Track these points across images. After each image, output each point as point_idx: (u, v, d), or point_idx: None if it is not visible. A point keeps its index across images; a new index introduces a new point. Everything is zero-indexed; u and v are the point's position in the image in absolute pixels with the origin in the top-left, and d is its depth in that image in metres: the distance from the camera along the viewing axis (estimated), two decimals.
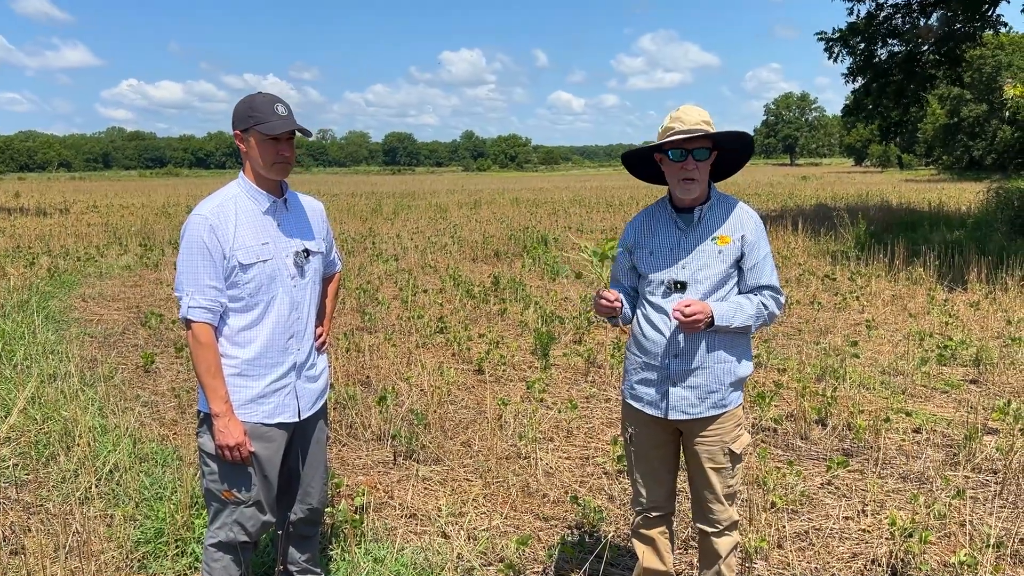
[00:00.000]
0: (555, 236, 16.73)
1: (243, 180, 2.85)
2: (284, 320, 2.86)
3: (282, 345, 2.86)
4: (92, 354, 7.61)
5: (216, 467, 2.83)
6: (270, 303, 2.82)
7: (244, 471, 2.84)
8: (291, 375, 2.91)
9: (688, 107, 2.84)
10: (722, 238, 2.83)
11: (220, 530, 2.89)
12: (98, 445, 5.02)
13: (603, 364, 7.12)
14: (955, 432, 5.35)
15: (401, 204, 29.93)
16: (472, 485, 4.67)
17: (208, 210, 2.72)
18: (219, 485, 2.84)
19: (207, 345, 2.71)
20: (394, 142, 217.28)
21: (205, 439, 2.83)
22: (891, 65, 19.59)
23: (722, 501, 3.01)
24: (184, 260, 2.71)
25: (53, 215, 26.10)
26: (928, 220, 17.77)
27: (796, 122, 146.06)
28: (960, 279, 10.78)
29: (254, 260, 2.77)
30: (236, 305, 2.77)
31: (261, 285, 2.79)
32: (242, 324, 2.79)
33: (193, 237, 2.69)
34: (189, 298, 2.70)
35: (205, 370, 2.71)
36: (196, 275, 2.69)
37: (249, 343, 2.80)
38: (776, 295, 2.87)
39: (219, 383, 2.73)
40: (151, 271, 13.46)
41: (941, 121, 60.68)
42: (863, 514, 4.25)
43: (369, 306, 9.67)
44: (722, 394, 2.90)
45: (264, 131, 2.74)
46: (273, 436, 2.88)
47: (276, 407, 2.87)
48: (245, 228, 2.76)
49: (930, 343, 7.58)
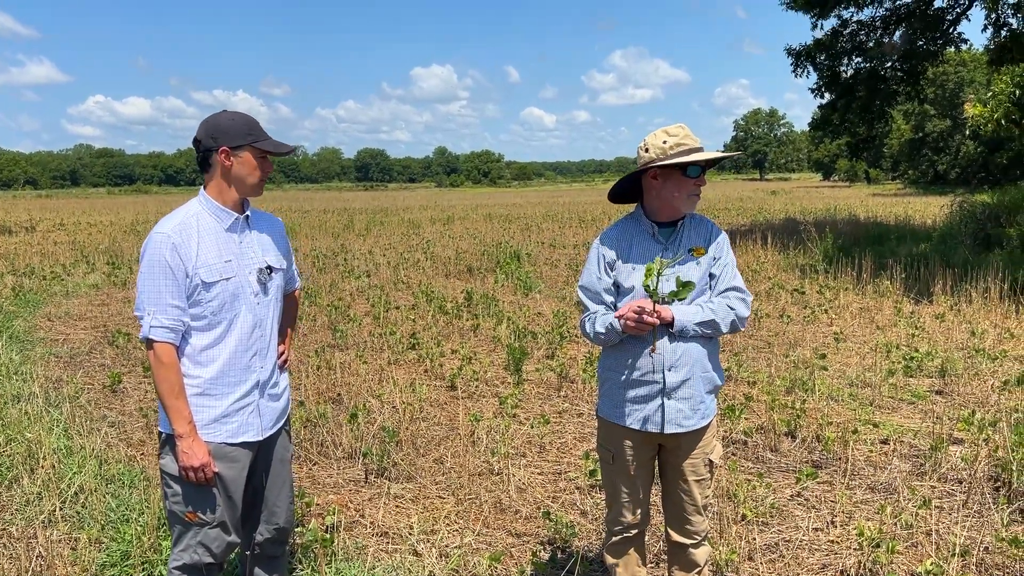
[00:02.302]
0: (528, 251, 16.77)
1: (205, 198, 2.80)
2: (247, 338, 2.83)
3: (245, 363, 2.83)
4: (58, 374, 7.49)
5: (179, 489, 2.79)
6: (233, 321, 2.79)
7: (208, 492, 2.80)
8: (254, 393, 2.88)
9: (680, 125, 2.90)
10: (698, 250, 2.90)
11: (184, 552, 2.84)
12: (63, 467, 4.93)
13: (576, 379, 7.13)
14: (921, 442, 5.42)
15: (374, 220, 29.85)
16: (444, 502, 4.66)
17: (170, 228, 2.68)
18: (183, 507, 2.80)
19: (169, 365, 2.67)
20: (367, 158, 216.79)
21: (167, 460, 2.79)
22: (856, 81, 19.93)
23: (701, 512, 3.07)
24: (145, 279, 2.66)
25: (18, 233, 25.71)
26: (895, 233, 18.07)
27: (765, 137, 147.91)
28: (926, 291, 10.96)
29: (217, 278, 2.73)
30: (198, 324, 2.74)
31: (224, 303, 2.76)
32: (204, 343, 2.75)
33: (155, 256, 2.65)
34: (151, 317, 2.64)
35: (168, 391, 2.67)
36: (158, 294, 2.64)
37: (211, 362, 2.76)
38: (742, 295, 2.90)
39: (182, 403, 2.69)
40: (119, 289, 13.29)
41: (907, 136, 61.77)
42: (832, 525, 4.29)
43: (341, 323, 9.61)
44: (707, 404, 2.96)
45: (268, 148, 2.78)
46: (237, 456, 2.85)
47: (240, 426, 2.84)
48: (207, 246, 2.73)
49: (897, 355, 7.69)
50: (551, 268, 14.86)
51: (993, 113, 11.51)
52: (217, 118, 2.78)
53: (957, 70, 53.93)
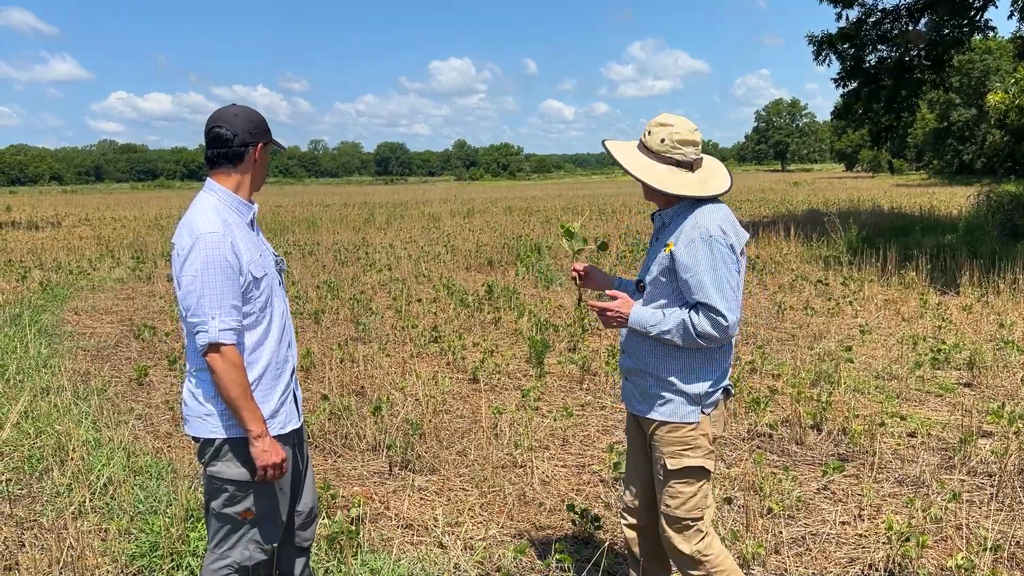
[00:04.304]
0: (548, 244, 16.74)
1: (225, 193, 2.75)
2: (282, 329, 2.85)
3: (283, 355, 2.85)
4: (85, 367, 7.58)
5: (237, 490, 2.75)
6: (272, 314, 2.79)
7: (268, 488, 2.79)
8: (292, 381, 2.92)
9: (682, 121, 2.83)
10: (668, 245, 2.79)
11: (233, 551, 2.80)
12: (92, 459, 4.99)
13: (598, 371, 7.11)
14: (950, 435, 5.36)
15: (394, 214, 29.93)
16: (468, 494, 4.66)
17: (219, 227, 2.63)
18: (239, 508, 2.76)
19: (240, 367, 2.62)
20: (386, 152, 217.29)
21: (221, 466, 2.72)
22: (880, 71, 19.69)
23: (666, 522, 2.92)
24: (204, 281, 2.56)
25: (45, 229, 26.03)
26: (920, 224, 17.87)
27: (787, 128, 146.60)
28: (952, 283, 10.83)
29: (262, 273, 2.74)
30: (247, 321, 2.70)
31: (268, 297, 2.76)
32: (253, 340, 2.73)
33: (214, 257, 2.57)
34: (217, 321, 2.57)
35: (241, 393, 2.61)
36: (220, 296, 2.58)
37: (260, 358, 2.75)
38: (711, 314, 2.66)
39: (254, 403, 2.66)
40: (144, 283, 13.42)
41: (931, 126, 61.02)
42: (859, 519, 4.25)
43: (363, 316, 9.65)
44: (665, 402, 2.83)
45: (278, 146, 2.89)
46: (287, 447, 2.87)
47: (286, 416, 2.85)
48: (244, 241, 2.71)
49: (924, 347, 7.60)
50: (572, 260, 14.80)
51: (1015, 100, 11.34)
52: (246, 112, 2.76)
53: (983, 58, 53.13)
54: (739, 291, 2.74)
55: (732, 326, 2.67)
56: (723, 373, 2.88)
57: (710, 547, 2.91)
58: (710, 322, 2.67)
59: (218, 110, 2.77)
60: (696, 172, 2.85)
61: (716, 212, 2.77)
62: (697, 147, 2.84)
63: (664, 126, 2.82)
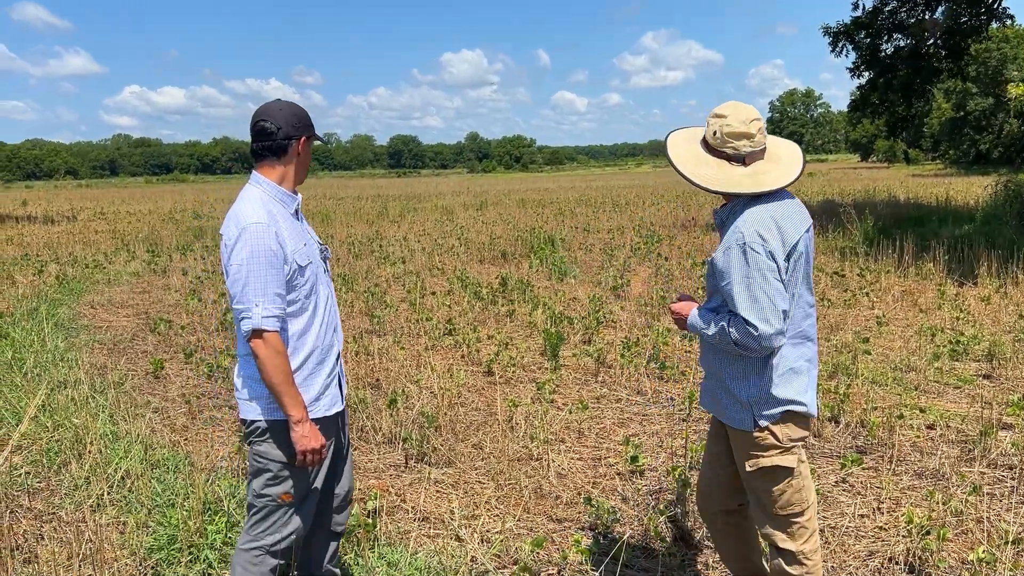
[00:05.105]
0: (562, 236, 16.70)
1: (271, 185, 2.83)
2: (326, 315, 2.93)
3: (329, 341, 2.93)
4: (102, 361, 7.62)
5: (280, 471, 2.83)
6: (316, 301, 2.88)
7: (306, 474, 2.88)
8: (337, 366, 2.99)
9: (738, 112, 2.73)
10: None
11: (267, 535, 2.87)
12: (109, 452, 5.02)
13: (613, 364, 7.09)
14: (970, 428, 5.31)
15: (407, 206, 29.94)
16: (484, 487, 4.66)
17: (264, 217, 2.70)
18: (280, 489, 2.85)
19: (282, 353, 2.70)
20: (399, 145, 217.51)
21: (266, 447, 2.81)
22: (896, 60, 19.50)
23: (761, 520, 2.91)
24: (249, 270, 2.65)
25: (61, 223, 26.20)
26: (936, 215, 17.71)
27: (801, 118, 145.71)
28: (970, 273, 10.72)
29: (307, 261, 2.82)
30: (292, 308, 2.79)
31: (312, 285, 2.85)
32: (298, 328, 2.81)
33: (260, 246, 2.65)
34: (261, 308, 2.65)
35: (284, 379, 2.69)
36: (265, 284, 2.66)
37: (304, 345, 2.83)
38: (743, 325, 2.59)
39: (295, 389, 2.74)
40: (159, 277, 13.48)
41: (947, 115, 60.45)
42: (879, 512, 4.22)
43: (377, 309, 9.65)
44: (726, 406, 2.83)
45: (320, 139, 2.99)
46: (330, 429, 2.95)
47: (332, 399, 2.94)
48: (288, 231, 2.79)
49: (942, 338, 7.53)
50: (585, 253, 14.78)
51: None
52: (290, 107, 2.85)
53: (1000, 47, 52.50)
54: (780, 299, 2.58)
55: (764, 337, 2.55)
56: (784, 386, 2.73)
57: (816, 553, 2.86)
58: (742, 332, 2.60)
59: (264, 105, 2.86)
60: (751, 166, 2.71)
61: (759, 214, 2.64)
62: (752, 139, 2.69)
63: (718, 117, 2.72)
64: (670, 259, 13.31)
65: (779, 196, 2.73)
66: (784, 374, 2.73)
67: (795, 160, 2.79)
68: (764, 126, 2.74)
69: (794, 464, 2.78)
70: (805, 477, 2.85)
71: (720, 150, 2.72)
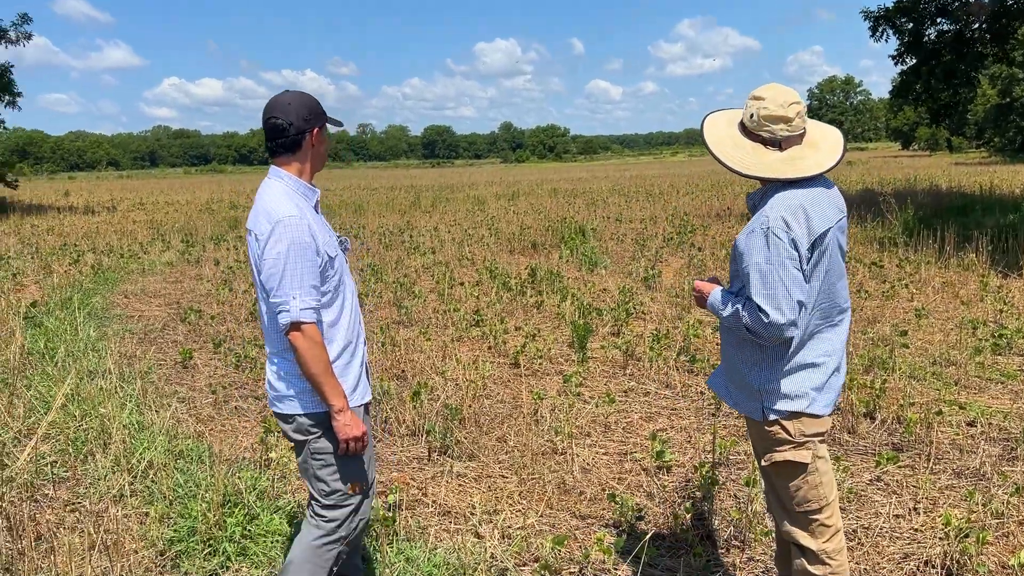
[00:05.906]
0: (593, 227, 16.55)
1: (291, 179, 2.81)
2: (352, 305, 2.94)
3: (356, 330, 2.94)
4: (131, 350, 7.67)
5: (339, 464, 2.85)
6: (344, 292, 2.89)
7: (359, 460, 2.89)
8: (365, 354, 3.01)
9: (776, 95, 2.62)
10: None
11: (342, 528, 2.89)
12: (134, 442, 5.02)
13: (642, 357, 6.96)
14: (1012, 425, 5.11)
15: (439, 197, 29.93)
16: (507, 482, 4.58)
17: (295, 210, 2.70)
18: (344, 482, 2.86)
19: (321, 344, 2.70)
20: (433, 135, 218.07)
21: (323, 442, 2.82)
22: (940, 45, 18.98)
23: (778, 517, 2.83)
24: (287, 263, 2.65)
25: (100, 213, 26.63)
26: (980, 204, 17.22)
27: (841, 106, 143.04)
28: (1015, 264, 10.39)
29: (336, 253, 2.84)
30: (325, 300, 2.80)
31: (341, 276, 2.86)
32: (331, 318, 2.82)
33: (297, 239, 2.66)
34: (298, 300, 2.66)
35: (324, 369, 2.70)
36: (301, 276, 2.67)
37: (337, 335, 2.84)
38: (755, 311, 2.52)
39: (335, 379, 2.74)
40: (192, 267, 13.60)
41: (993, 102, 58.86)
42: (915, 512, 4.07)
43: (405, 299, 9.62)
44: (737, 394, 2.77)
45: (335, 122, 2.94)
46: (365, 418, 2.96)
47: (364, 388, 2.95)
48: (316, 224, 2.79)
49: (984, 331, 7.29)
50: (617, 243, 14.62)
51: None
52: (299, 99, 2.80)
53: None
54: (797, 288, 2.49)
55: (775, 325, 2.47)
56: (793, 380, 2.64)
57: (840, 553, 2.74)
58: (754, 318, 2.53)
59: (272, 99, 2.82)
60: (787, 151, 2.62)
61: (788, 200, 2.55)
62: (790, 123, 2.59)
63: (757, 99, 2.63)
64: (703, 249, 13.11)
65: (816, 183, 2.63)
66: (797, 368, 2.63)
67: (835, 147, 2.68)
68: (804, 110, 2.64)
69: (808, 460, 2.67)
70: (823, 473, 2.72)
71: (756, 133, 2.64)
